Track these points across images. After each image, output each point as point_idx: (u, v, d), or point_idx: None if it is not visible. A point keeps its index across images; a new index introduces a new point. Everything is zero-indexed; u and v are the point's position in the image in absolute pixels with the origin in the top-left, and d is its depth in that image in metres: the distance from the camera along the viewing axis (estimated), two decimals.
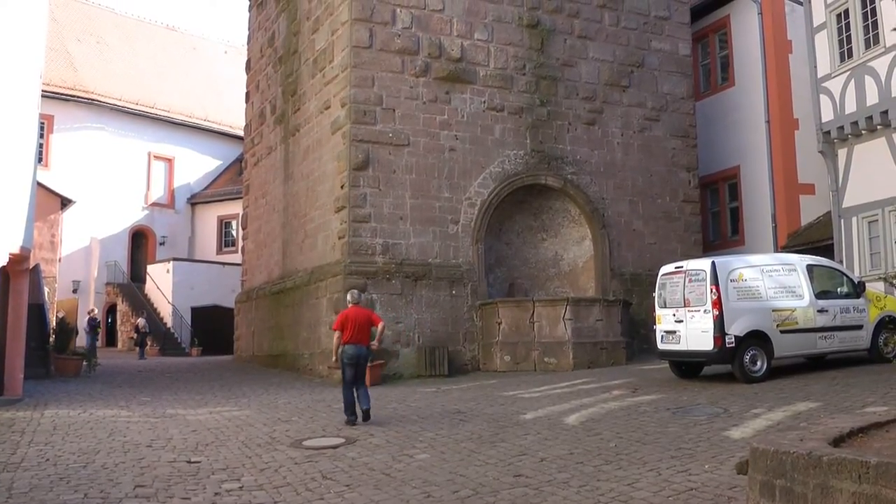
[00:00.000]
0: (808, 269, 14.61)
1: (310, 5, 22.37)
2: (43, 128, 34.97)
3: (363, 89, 19.36)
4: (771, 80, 23.14)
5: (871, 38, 18.73)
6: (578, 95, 21.57)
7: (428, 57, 19.95)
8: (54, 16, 36.79)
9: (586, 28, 21.92)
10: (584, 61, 21.81)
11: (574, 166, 21.36)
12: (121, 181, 39.16)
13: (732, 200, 24.81)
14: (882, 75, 18.22)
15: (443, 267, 19.58)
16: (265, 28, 26.54)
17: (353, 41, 19.45)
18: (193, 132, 42.53)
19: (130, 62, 42.55)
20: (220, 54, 48.32)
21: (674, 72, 23.06)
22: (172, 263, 37.53)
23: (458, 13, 20.42)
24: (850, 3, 19.28)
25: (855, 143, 19.30)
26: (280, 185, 24.21)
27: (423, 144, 19.71)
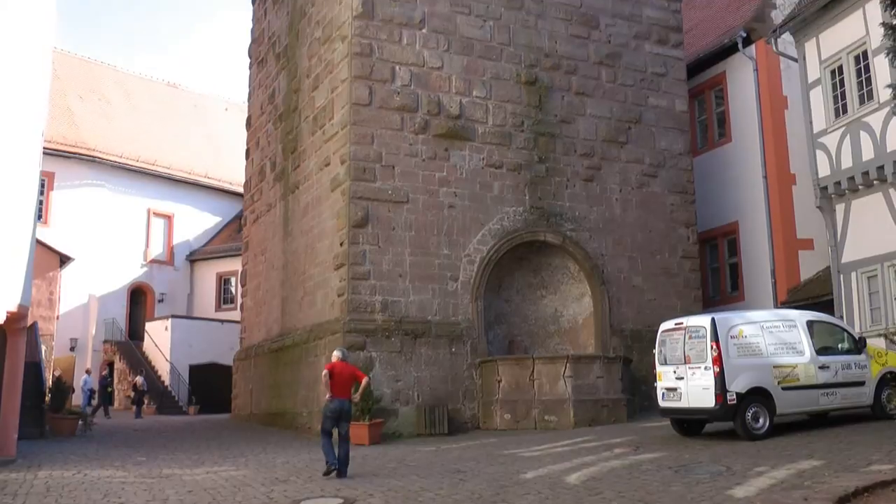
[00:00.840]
0: (809, 324, 14.54)
1: (310, 63, 22.61)
2: (43, 185, 35.10)
3: (363, 146, 19.47)
4: (767, 136, 23.30)
5: (865, 93, 18.90)
6: (577, 152, 21.70)
7: (427, 114, 20.10)
8: (57, 73, 37.12)
9: (584, 85, 22.13)
10: (582, 118, 21.98)
11: (573, 223, 21.40)
12: (120, 238, 39.19)
13: (732, 256, 24.81)
14: (877, 131, 18.34)
15: (442, 324, 19.50)
16: (266, 86, 26.79)
17: (352, 99, 19.61)
18: (193, 189, 42.69)
19: (132, 119, 42.87)
20: (220, 111, 48.71)
21: (671, 128, 23.23)
22: (171, 320, 37.40)
23: (456, 70, 20.62)
24: (844, 59, 19.49)
25: (852, 198, 19.36)
26: (279, 242, 24.23)
27: (422, 201, 19.77)
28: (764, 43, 23.19)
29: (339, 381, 12.57)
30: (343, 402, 12.50)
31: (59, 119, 37.81)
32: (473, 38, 20.95)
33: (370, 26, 20.00)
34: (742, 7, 26.01)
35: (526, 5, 21.69)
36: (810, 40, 20.67)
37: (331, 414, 12.34)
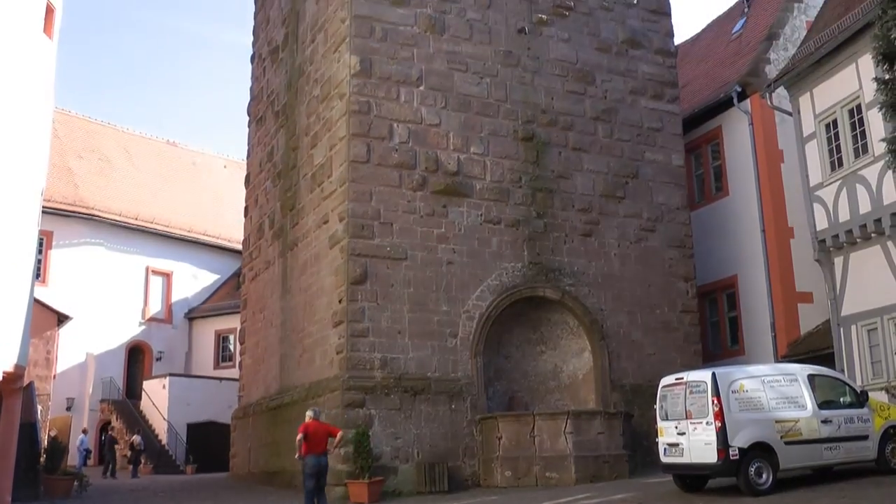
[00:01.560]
0: (810, 378, 14.48)
1: (308, 121, 22.77)
2: (42, 244, 35.13)
3: (361, 203, 19.53)
4: (764, 190, 23.39)
5: (860, 147, 19.03)
6: (574, 207, 21.76)
7: (425, 171, 20.19)
8: (57, 133, 37.37)
9: (580, 140, 22.27)
10: (579, 173, 22.08)
11: (572, 278, 21.38)
12: (118, 296, 39.12)
13: (731, 310, 24.76)
14: (873, 184, 18.43)
15: (442, 381, 19.38)
16: (264, 143, 26.95)
17: (350, 156, 19.72)
18: (192, 246, 42.74)
19: (131, 177, 43.07)
20: (219, 169, 48.96)
21: (668, 182, 23.32)
22: (169, 379, 37.17)
23: (454, 127, 20.77)
24: (839, 113, 19.66)
25: (850, 251, 19.38)
26: (278, 300, 24.18)
27: (420, 258, 19.77)
28: (759, 97, 23.40)
29: (315, 438, 13.44)
30: (320, 457, 13.31)
31: (58, 178, 37.97)
32: (471, 94, 21.13)
33: (368, 84, 20.18)
34: (736, 62, 26.29)
35: (522, 62, 21.92)
36: (804, 94, 20.87)
37: (310, 471, 12.92)
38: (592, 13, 23.27)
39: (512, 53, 21.83)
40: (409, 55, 20.71)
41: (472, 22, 21.61)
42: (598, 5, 23.40)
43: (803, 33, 24.04)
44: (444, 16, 21.31)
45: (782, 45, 24.70)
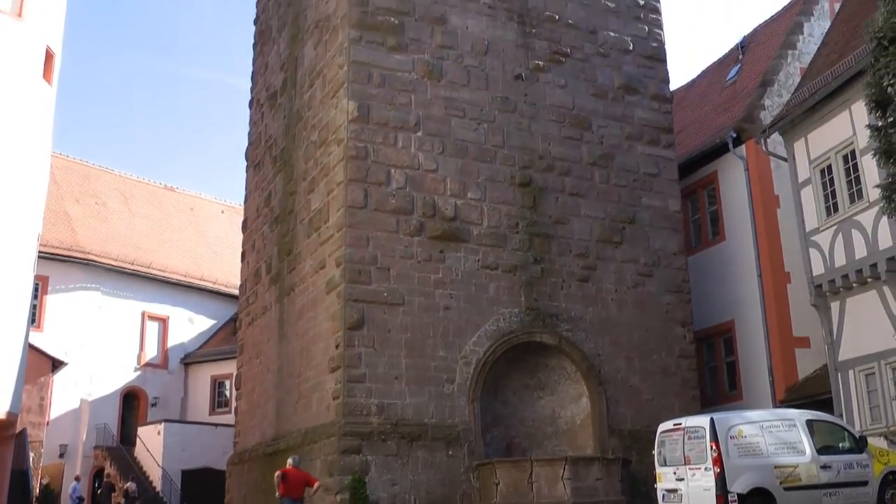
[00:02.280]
0: (808, 424, 14.45)
1: (306, 166, 22.86)
2: (37, 289, 35.00)
3: (358, 249, 19.55)
4: (760, 235, 23.46)
5: (855, 192, 19.14)
6: (572, 252, 21.79)
7: (422, 216, 20.25)
8: (55, 178, 37.44)
9: (577, 186, 22.36)
10: (576, 218, 22.14)
11: (569, 323, 21.34)
12: (114, 342, 38.93)
13: (728, 355, 24.70)
14: (868, 229, 18.51)
15: (439, 427, 19.26)
16: (262, 188, 27.01)
17: (348, 201, 19.78)
18: (189, 291, 42.63)
19: (128, 222, 43.10)
20: (216, 213, 49.04)
21: (665, 227, 23.37)
22: (164, 425, 36.87)
23: (451, 173, 20.86)
24: (833, 159, 19.81)
25: (847, 295, 19.40)
26: (274, 345, 24.09)
27: (417, 303, 19.74)
28: (754, 143, 23.57)
29: (292, 483, 14.75)
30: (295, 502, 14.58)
31: (55, 223, 37.98)
32: (468, 140, 21.26)
33: (366, 130, 20.31)
34: (731, 108, 26.51)
35: (519, 108, 22.09)
36: (799, 140, 21.04)
37: None
38: (589, 59, 23.50)
39: (509, 99, 22.01)
40: (406, 101, 20.87)
41: (470, 68, 21.81)
42: (594, 52, 23.64)
43: (797, 80, 24.28)
44: (442, 62, 21.51)
45: (777, 92, 24.92)
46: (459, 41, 21.86)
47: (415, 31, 21.44)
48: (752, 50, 28.96)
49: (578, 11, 23.70)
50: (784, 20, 27.97)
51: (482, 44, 22.08)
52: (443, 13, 21.84)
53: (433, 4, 21.80)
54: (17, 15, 18.15)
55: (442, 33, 21.69)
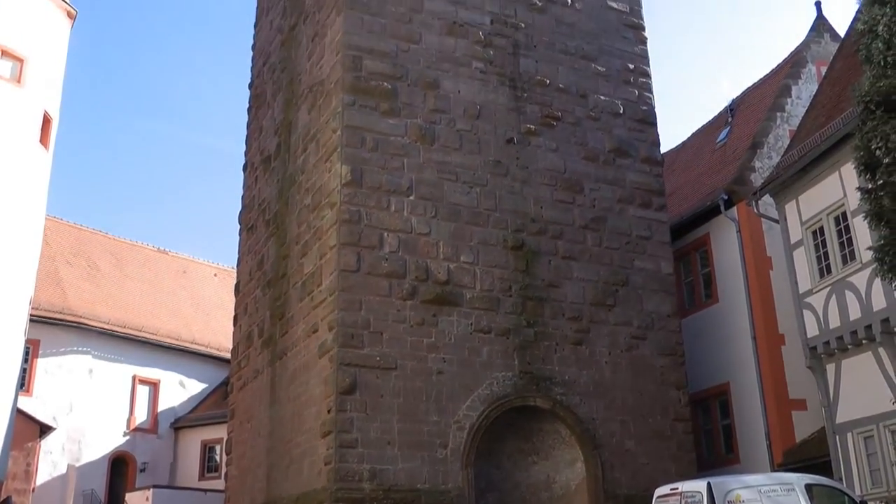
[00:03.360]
0: (808, 488, 14.25)
1: (299, 230, 22.87)
2: (28, 353, 34.71)
3: (351, 313, 19.46)
4: (754, 297, 23.45)
5: (848, 253, 19.19)
6: (565, 316, 21.71)
7: (415, 280, 20.20)
8: (48, 240, 37.39)
9: (570, 249, 22.37)
10: (569, 281, 22.11)
11: (563, 387, 21.18)
12: (103, 406, 38.47)
13: (724, 417, 24.50)
14: (862, 290, 18.51)
15: (432, 493, 18.96)
16: (255, 252, 26.98)
17: (340, 265, 19.74)
18: (180, 355, 42.29)
19: (120, 285, 42.92)
20: (209, 276, 48.90)
21: (658, 290, 23.34)
22: (152, 491, 36.18)
23: (444, 236, 20.87)
24: (825, 220, 19.89)
25: (842, 357, 19.33)
26: (266, 410, 23.84)
27: (410, 367, 19.60)
28: (745, 205, 23.67)
29: None
30: None
31: (46, 286, 37.79)
32: (460, 204, 21.32)
33: (359, 193, 20.36)
34: (722, 170, 26.68)
35: (511, 172, 22.20)
36: (790, 202, 21.15)
37: None
38: (580, 123, 23.70)
39: (501, 163, 22.13)
40: (399, 165, 20.97)
41: (462, 132, 21.97)
42: (585, 115, 23.85)
43: (787, 142, 24.49)
44: (435, 126, 21.67)
45: (766, 154, 25.14)
46: (452, 105, 22.04)
47: (408, 95, 21.63)
48: (742, 112, 29.28)
49: (569, 76, 23.98)
50: (772, 83, 28.33)
51: (474, 108, 22.27)
52: (435, 78, 22.06)
53: (426, 69, 22.04)
54: (16, 81, 18.33)
55: (434, 98, 21.88)
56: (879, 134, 13.54)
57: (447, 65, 22.33)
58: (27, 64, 18.73)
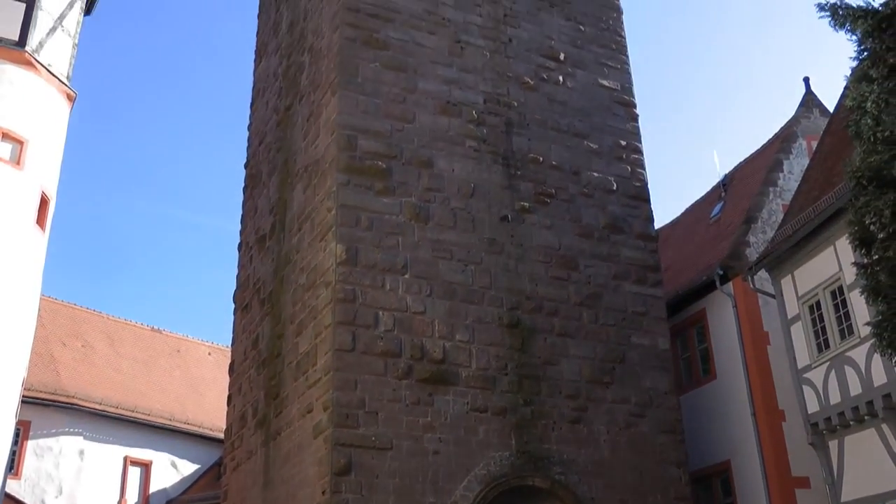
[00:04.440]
0: None
1: (294, 309, 22.76)
2: (18, 434, 34.25)
3: (346, 392, 19.24)
4: (752, 372, 23.26)
5: (846, 328, 19.11)
6: (562, 393, 21.49)
7: (410, 359, 20.03)
8: (42, 321, 37.10)
9: (566, 326, 22.25)
10: (565, 359, 21.93)
11: (561, 466, 20.85)
12: (94, 488, 37.77)
13: (727, 496, 24.08)
14: (861, 366, 18.39)
15: None
16: (249, 331, 26.82)
17: (336, 344, 19.58)
18: (174, 435, 41.74)
19: (114, 365, 42.59)
20: (204, 356, 48.58)
21: (655, 367, 23.14)
22: None
23: (439, 315, 20.76)
24: (821, 295, 19.87)
25: (845, 433, 19.10)
26: (259, 491, 23.41)
27: (406, 448, 19.30)
28: (741, 280, 23.65)
29: None
30: None
31: (39, 367, 37.49)
32: (455, 282, 21.26)
33: (354, 272, 20.31)
34: (717, 245, 26.73)
35: (506, 249, 22.19)
36: (786, 277, 21.16)
37: None
38: (574, 200, 23.79)
39: (496, 241, 22.14)
40: (394, 243, 20.97)
41: (456, 210, 22.03)
42: (578, 192, 23.96)
43: (780, 216, 24.60)
44: (429, 205, 21.73)
45: (760, 229, 25.21)
46: (446, 184, 22.15)
47: (402, 174, 21.74)
48: (734, 187, 29.47)
49: (562, 153, 24.15)
50: (764, 158, 28.59)
51: (468, 186, 22.37)
52: (430, 157, 22.21)
53: (420, 148, 22.20)
54: (16, 163, 18.45)
55: (429, 176, 22.00)
56: (873, 209, 13.61)
57: (441, 144, 22.50)
58: (27, 146, 18.88)
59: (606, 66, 26.22)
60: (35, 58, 19.14)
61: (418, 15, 23.76)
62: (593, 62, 26.07)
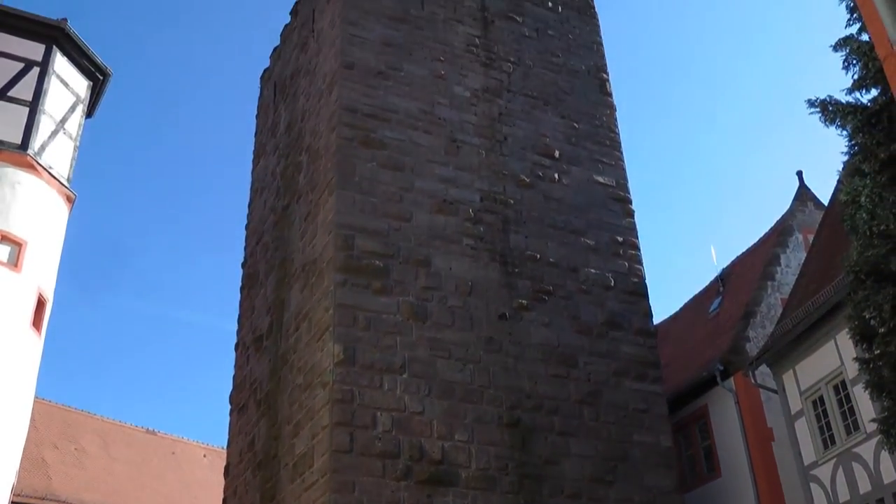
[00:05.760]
0: None
1: (291, 410, 22.47)
2: None
3: (343, 494, 18.83)
4: (758, 470, 22.86)
5: (851, 423, 18.84)
6: (563, 493, 21.03)
7: (409, 460, 19.68)
8: (35, 424, 36.59)
9: (566, 424, 21.93)
10: (566, 458, 21.55)
11: None
12: None
13: None
14: (870, 462, 18.07)
15: None
16: (245, 432, 26.43)
17: (333, 446, 19.26)
18: None
19: (106, 468, 41.83)
20: (199, 458, 47.76)
21: (658, 464, 22.72)
22: None
23: (438, 415, 20.48)
24: (824, 389, 19.68)
25: None
26: None
27: None
28: (742, 376, 23.44)
29: None
30: None
31: (31, 470, 36.77)
32: (454, 381, 21.04)
33: (351, 372, 20.11)
34: (716, 340, 26.59)
35: (505, 347, 22.03)
36: (787, 372, 20.99)
37: None
38: (571, 297, 23.73)
39: (494, 339, 22.00)
40: (392, 343, 20.82)
41: (454, 309, 21.94)
42: (576, 289, 23.92)
43: (779, 310, 24.53)
44: (427, 303, 21.66)
45: (760, 323, 25.13)
46: (444, 282, 22.12)
47: (400, 273, 21.73)
48: (732, 282, 29.47)
49: (559, 250, 24.20)
50: (761, 252, 28.67)
51: (466, 284, 22.34)
52: (427, 255, 22.24)
53: (417, 247, 22.24)
54: (14, 266, 18.42)
55: (426, 275, 21.99)
56: (872, 304, 13.58)
57: (438, 242, 22.56)
58: (25, 248, 18.89)
59: (601, 163, 26.51)
60: (37, 160, 19.31)
61: (414, 115, 24.13)
62: (588, 159, 26.37)
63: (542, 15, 28.57)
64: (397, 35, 25.24)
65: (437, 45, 25.74)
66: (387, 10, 25.52)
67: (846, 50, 15.34)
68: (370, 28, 24.95)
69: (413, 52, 25.19)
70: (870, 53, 14.29)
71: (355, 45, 24.44)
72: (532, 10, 28.49)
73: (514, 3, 28.27)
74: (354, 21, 24.87)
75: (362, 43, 24.56)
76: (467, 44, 26.35)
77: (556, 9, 29.03)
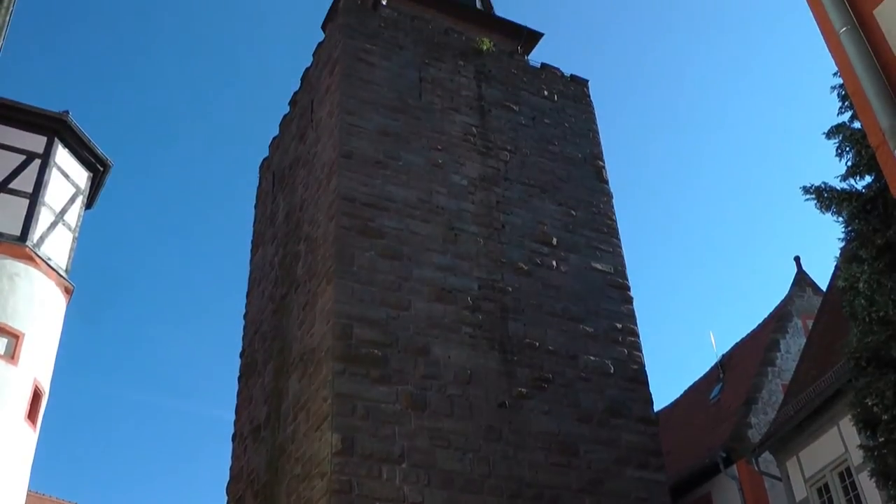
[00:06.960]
0: None
1: (288, 501, 22.11)
2: None
3: None
4: None
5: None
6: None
7: None
8: None
9: None
10: None
11: None
12: None
13: None
14: None
15: None
16: None
17: None
18: None
19: None
20: None
21: None
22: None
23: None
24: (829, 477, 19.39)
25: None
26: None
27: None
28: (745, 463, 23.14)
29: None
30: None
31: None
32: (453, 471, 20.76)
33: (350, 462, 19.86)
34: (718, 427, 26.32)
35: (504, 436, 21.80)
36: (791, 458, 20.72)
37: None
38: (571, 385, 23.57)
39: (494, 428, 21.77)
40: (391, 432, 20.60)
41: (454, 398, 21.78)
42: (576, 376, 23.77)
43: (780, 396, 24.36)
44: (426, 392, 21.51)
45: (762, 409, 24.92)
46: (443, 371, 22.00)
47: (398, 362, 21.63)
48: (732, 368, 29.32)
49: (558, 338, 24.12)
50: (760, 337, 28.59)
51: (465, 373, 22.21)
52: (425, 344, 22.16)
53: (416, 336, 22.17)
54: (10, 358, 18.29)
55: (425, 364, 21.87)
56: (874, 391, 13.50)
57: (437, 330, 22.50)
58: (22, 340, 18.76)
59: (599, 250, 26.62)
60: (35, 252, 19.31)
61: (412, 203, 24.32)
62: (586, 246, 26.50)
63: (538, 104, 29.06)
64: (395, 124, 25.61)
65: (434, 134, 26.11)
66: (385, 100, 25.95)
67: (839, 137, 15.56)
68: (368, 118, 25.33)
69: (411, 142, 25.53)
70: (862, 141, 14.48)
71: (354, 134, 24.78)
72: (528, 98, 28.98)
73: (511, 91, 28.78)
74: (353, 111, 25.26)
75: (360, 132, 24.90)
76: (465, 132, 26.73)
77: (552, 97, 29.55)
